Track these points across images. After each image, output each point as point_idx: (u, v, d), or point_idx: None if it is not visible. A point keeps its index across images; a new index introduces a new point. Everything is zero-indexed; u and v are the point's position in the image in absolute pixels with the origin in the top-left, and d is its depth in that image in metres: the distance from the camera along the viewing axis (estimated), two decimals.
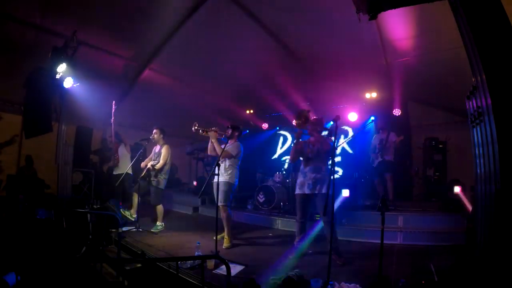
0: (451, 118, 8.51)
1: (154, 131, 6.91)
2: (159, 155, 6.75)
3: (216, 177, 5.30)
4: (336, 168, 8.69)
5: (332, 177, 3.91)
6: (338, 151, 8.78)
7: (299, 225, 5.15)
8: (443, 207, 6.65)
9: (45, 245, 5.09)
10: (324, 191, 4.70)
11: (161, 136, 6.90)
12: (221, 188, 5.44)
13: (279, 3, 5.99)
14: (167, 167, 6.82)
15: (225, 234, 5.67)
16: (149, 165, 6.70)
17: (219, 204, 5.32)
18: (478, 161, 2.67)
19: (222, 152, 5.27)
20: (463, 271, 2.85)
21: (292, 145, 4.68)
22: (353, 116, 8.72)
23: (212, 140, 5.70)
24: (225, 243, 5.57)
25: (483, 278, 2.41)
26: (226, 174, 5.69)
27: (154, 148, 7.02)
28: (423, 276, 4.07)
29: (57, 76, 6.51)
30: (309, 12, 6.04)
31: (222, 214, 5.57)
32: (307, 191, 4.97)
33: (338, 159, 8.89)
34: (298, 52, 7.72)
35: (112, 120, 7.16)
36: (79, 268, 4.19)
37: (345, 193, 6.59)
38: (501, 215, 2.26)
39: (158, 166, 6.64)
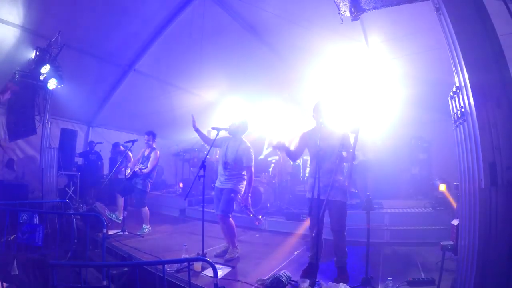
0: (435, 117, 8.58)
1: (146, 137, 6.78)
2: (148, 159, 6.63)
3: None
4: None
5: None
6: None
7: None
8: (429, 205, 6.73)
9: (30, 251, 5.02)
10: None
11: (153, 141, 6.83)
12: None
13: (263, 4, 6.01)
14: (153, 171, 6.76)
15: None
16: (136, 169, 6.59)
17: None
18: (461, 159, 2.70)
19: None
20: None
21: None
22: None
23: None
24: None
25: (468, 275, 2.44)
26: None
27: (143, 151, 6.89)
28: (410, 274, 4.12)
29: (41, 78, 6.41)
30: (293, 12, 6.08)
31: None
32: None
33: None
34: (282, 52, 7.75)
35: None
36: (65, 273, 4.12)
37: None
38: (484, 214, 2.29)
39: (146, 171, 6.51)
